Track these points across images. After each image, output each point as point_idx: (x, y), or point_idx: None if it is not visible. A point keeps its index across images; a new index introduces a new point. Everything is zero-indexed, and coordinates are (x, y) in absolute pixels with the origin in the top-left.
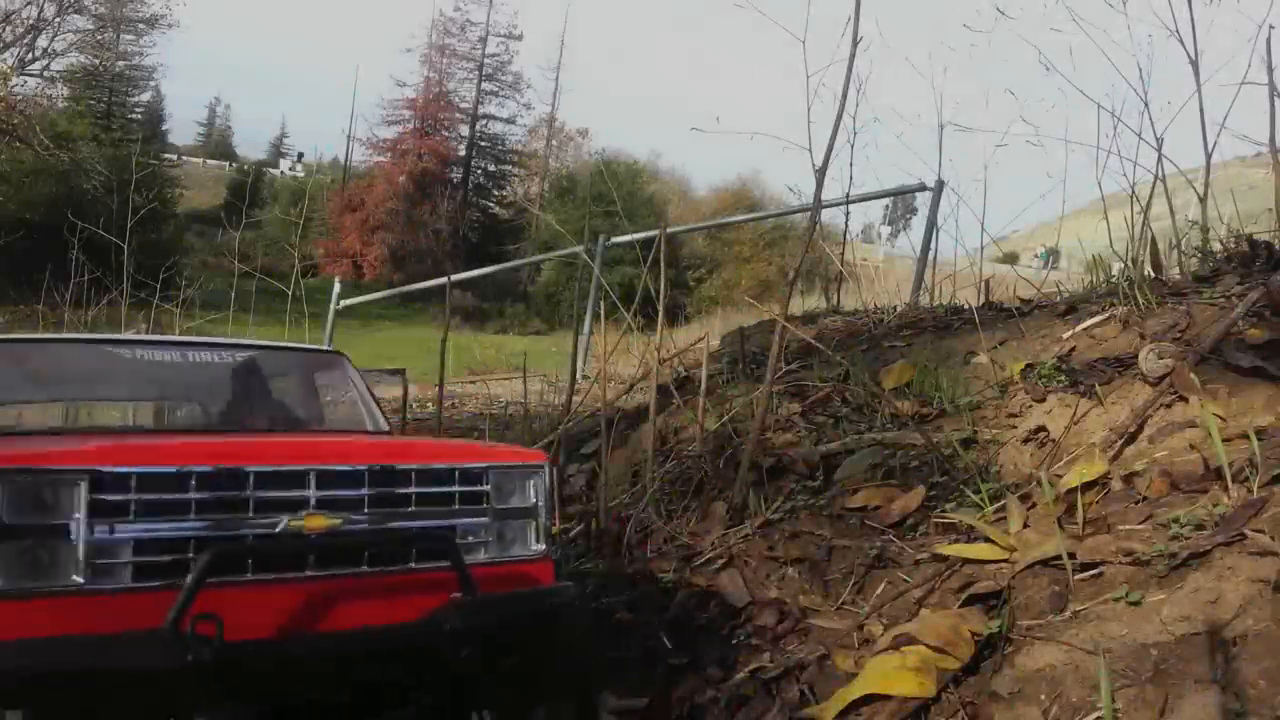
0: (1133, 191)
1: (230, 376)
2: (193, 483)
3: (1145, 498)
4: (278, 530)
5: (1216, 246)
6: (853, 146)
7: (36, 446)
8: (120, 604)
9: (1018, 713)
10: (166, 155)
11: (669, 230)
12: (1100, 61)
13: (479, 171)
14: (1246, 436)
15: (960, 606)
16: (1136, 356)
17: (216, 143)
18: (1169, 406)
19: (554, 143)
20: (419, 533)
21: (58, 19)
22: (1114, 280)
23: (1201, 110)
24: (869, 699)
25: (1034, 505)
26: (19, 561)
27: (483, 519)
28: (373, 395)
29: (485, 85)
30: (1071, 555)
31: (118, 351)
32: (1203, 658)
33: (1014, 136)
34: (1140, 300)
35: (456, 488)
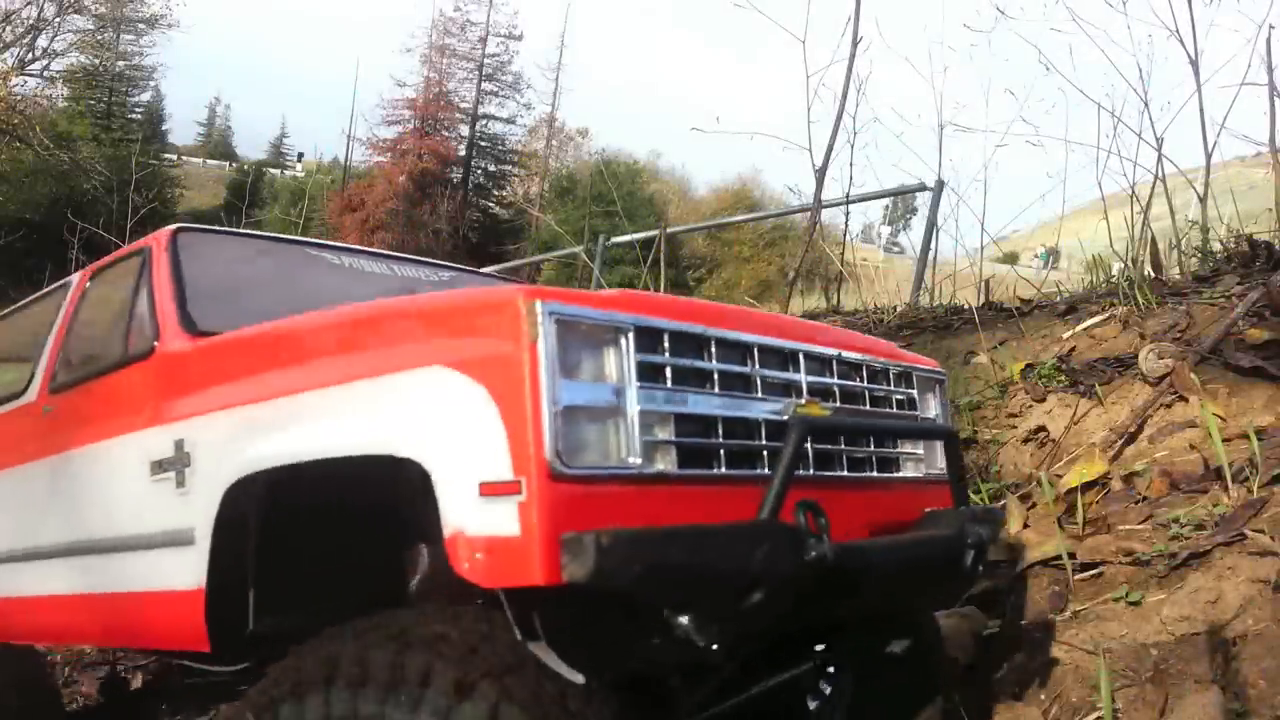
0: (1133, 191)
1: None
2: (711, 350)
3: (1145, 498)
4: (787, 418)
5: (1216, 246)
6: (853, 146)
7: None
8: (668, 494)
9: (1018, 713)
10: (166, 155)
11: (669, 230)
12: (1100, 61)
13: (479, 171)
14: (1246, 436)
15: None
16: (1136, 356)
17: (216, 143)
18: (1169, 406)
19: (554, 143)
20: (934, 430)
21: (58, 19)
22: (1114, 280)
23: (1201, 110)
24: None
25: (1034, 505)
26: (576, 434)
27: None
28: None
29: (485, 85)
30: (1071, 555)
31: (324, 255)
32: (1203, 658)
33: (1014, 136)
34: (1140, 300)
35: (892, 388)
